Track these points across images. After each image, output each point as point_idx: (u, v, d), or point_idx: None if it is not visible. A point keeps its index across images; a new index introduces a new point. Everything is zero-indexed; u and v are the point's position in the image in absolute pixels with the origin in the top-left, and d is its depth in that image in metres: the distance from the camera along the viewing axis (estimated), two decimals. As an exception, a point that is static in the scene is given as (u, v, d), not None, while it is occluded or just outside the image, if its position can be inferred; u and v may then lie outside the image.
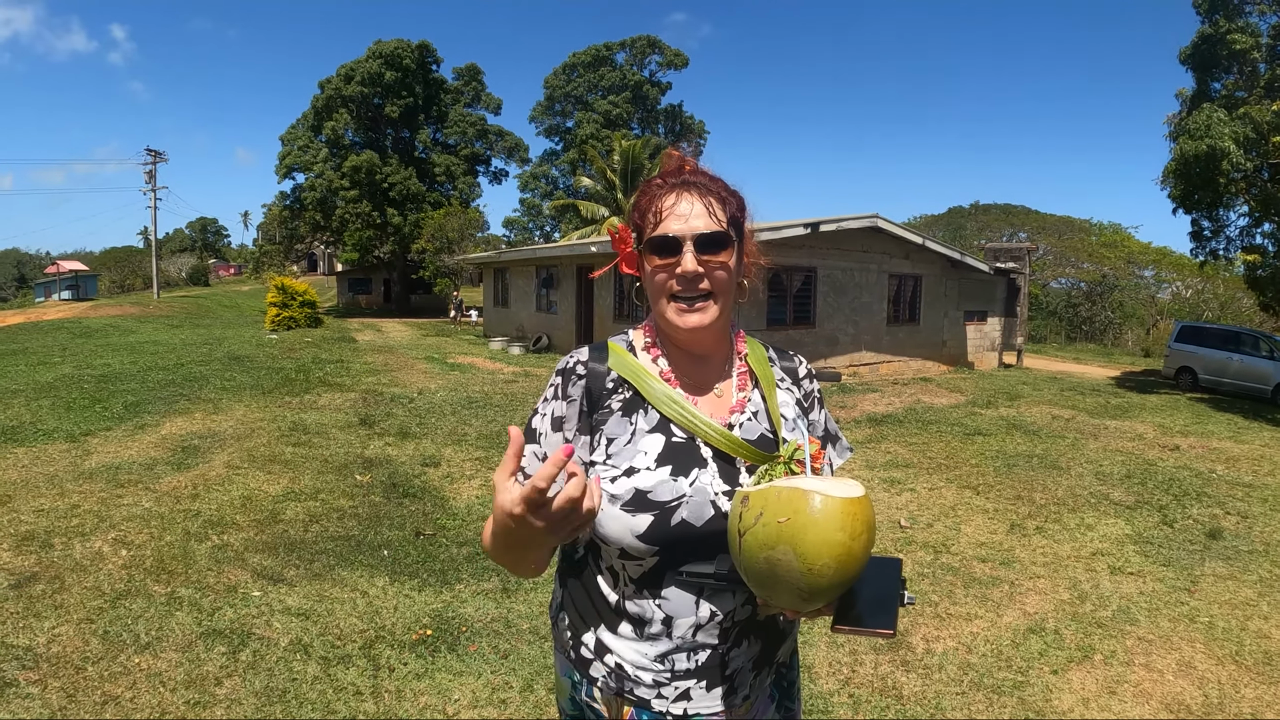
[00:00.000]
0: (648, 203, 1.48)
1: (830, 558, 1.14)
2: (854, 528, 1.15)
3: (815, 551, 1.13)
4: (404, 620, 4.59)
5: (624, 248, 1.52)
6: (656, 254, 1.43)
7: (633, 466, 1.40)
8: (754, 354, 1.61)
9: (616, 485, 1.39)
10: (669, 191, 1.46)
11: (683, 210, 1.43)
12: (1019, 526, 6.94)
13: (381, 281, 48.91)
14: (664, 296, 1.45)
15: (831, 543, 1.13)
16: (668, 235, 1.42)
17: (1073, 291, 36.79)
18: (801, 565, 1.14)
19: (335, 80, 40.05)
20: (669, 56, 56.52)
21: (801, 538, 1.14)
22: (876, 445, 10.17)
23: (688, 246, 1.41)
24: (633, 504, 1.36)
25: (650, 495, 1.37)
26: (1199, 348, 19.37)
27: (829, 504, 1.14)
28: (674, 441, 1.43)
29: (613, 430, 1.44)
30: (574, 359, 1.52)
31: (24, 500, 6.62)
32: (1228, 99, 17.49)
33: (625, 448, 1.42)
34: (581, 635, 1.49)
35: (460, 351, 20.79)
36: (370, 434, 9.67)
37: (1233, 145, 15.16)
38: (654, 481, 1.38)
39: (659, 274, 1.44)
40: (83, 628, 4.30)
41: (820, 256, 17.12)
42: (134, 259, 74.65)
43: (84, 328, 25.07)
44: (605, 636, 1.45)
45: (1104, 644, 4.67)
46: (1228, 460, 10.14)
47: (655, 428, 1.44)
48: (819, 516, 1.14)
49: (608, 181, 35.80)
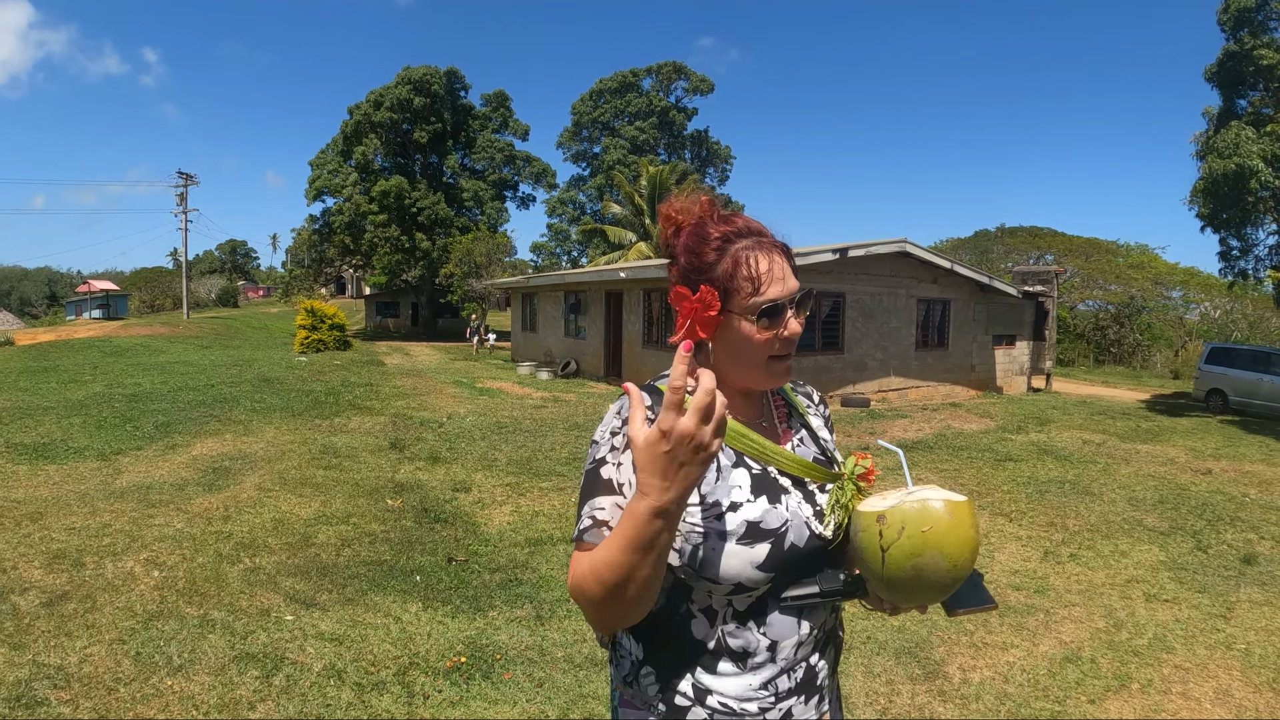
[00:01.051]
0: (732, 265, 1.43)
1: (970, 552, 1.28)
2: (977, 523, 1.31)
3: (959, 550, 1.27)
4: (438, 647, 4.59)
5: (711, 311, 1.43)
6: (767, 319, 1.41)
7: (734, 501, 1.39)
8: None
9: (727, 522, 1.37)
10: (758, 252, 1.44)
11: (778, 274, 1.43)
12: (1053, 554, 6.87)
13: (409, 305, 49.24)
14: (765, 357, 1.45)
15: (969, 539, 1.28)
16: (776, 302, 1.41)
17: (1100, 314, 36.37)
18: (948, 564, 1.27)
19: (365, 106, 40.50)
20: (694, 82, 56.77)
21: (946, 541, 1.26)
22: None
23: (791, 310, 1.44)
24: (749, 536, 1.37)
25: (761, 525, 1.38)
26: (1229, 369, 19.12)
27: (958, 509, 1.28)
28: (755, 473, 1.44)
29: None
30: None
31: (55, 518, 6.70)
32: (1255, 116, 17.36)
33: (717, 485, 1.40)
34: (675, 685, 1.43)
35: (489, 376, 20.88)
36: (400, 458, 9.72)
37: (1261, 163, 15.05)
38: (761, 511, 1.39)
39: (763, 336, 1.42)
40: (114, 648, 4.33)
41: (849, 282, 17.09)
42: (164, 279, 75.53)
43: (114, 347, 25.40)
44: (704, 679, 1.42)
45: (1141, 672, 4.61)
46: (1261, 484, 10.00)
47: (735, 463, 1.44)
48: (956, 521, 1.27)
49: (635, 207, 36.01)
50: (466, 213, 43.57)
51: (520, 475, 9.10)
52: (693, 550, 1.37)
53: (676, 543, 1.37)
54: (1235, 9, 17.55)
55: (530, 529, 7.13)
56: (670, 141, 56.69)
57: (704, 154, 58.85)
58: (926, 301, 19.10)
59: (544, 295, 25.91)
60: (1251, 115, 17.42)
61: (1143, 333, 35.17)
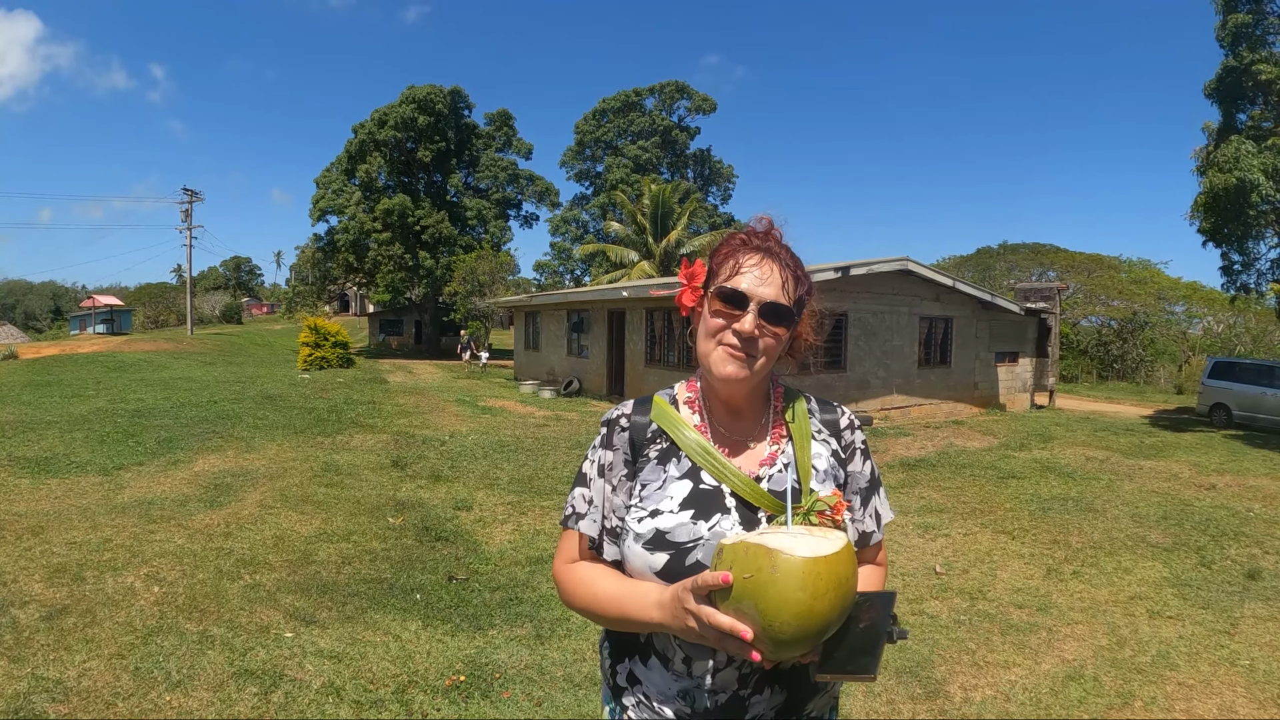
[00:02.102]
0: (729, 252, 1.57)
1: (791, 615, 1.16)
2: (816, 587, 1.17)
3: (775, 609, 1.16)
4: (437, 665, 4.58)
5: (693, 281, 1.60)
6: (724, 302, 1.51)
7: (658, 509, 1.50)
8: (794, 407, 1.66)
9: (641, 525, 1.50)
10: (754, 251, 1.56)
11: (761, 274, 1.52)
12: (1055, 571, 6.84)
13: (413, 323, 49.30)
14: (712, 339, 1.53)
15: (791, 601, 1.16)
16: (739, 290, 1.50)
17: (1103, 330, 36.32)
18: (763, 621, 1.17)
19: (369, 124, 40.69)
20: (697, 101, 56.99)
21: (762, 595, 1.16)
22: (910, 490, 10.07)
23: (752, 308, 1.49)
24: (652, 543, 1.47)
25: (669, 536, 1.46)
26: (1233, 383, 19.07)
27: (789, 563, 1.16)
28: (701, 488, 1.52)
29: (647, 476, 1.56)
30: (619, 411, 1.66)
31: (57, 532, 6.72)
32: (1255, 130, 17.39)
33: (655, 491, 1.53)
34: (617, 665, 1.58)
35: (491, 395, 20.87)
36: (402, 476, 9.72)
37: (1262, 177, 15.06)
38: (674, 524, 1.47)
39: (717, 320, 1.52)
40: (114, 663, 4.34)
41: (851, 300, 17.10)
42: (168, 295, 75.76)
43: (118, 362, 25.47)
44: (637, 668, 1.54)
45: (1144, 690, 4.58)
46: (1265, 498, 9.96)
47: (685, 474, 1.54)
48: (779, 575, 1.16)
49: (638, 225, 36.07)
50: (470, 231, 43.70)
51: (522, 494, 9.09)
52: (619, 542, 1.55)
53: (615, 528, 1.58)
54: (1233, 25, 17.62)
55: (531, 547, 7.11)
56: (673, 160, 56.87)
57: (706, 173, 59.04)
58: (929, 319, 19.10)
59: (547, 314, 25.95)
60: (1251, 129, 17.47)
61: (1146, 348, 35.11)
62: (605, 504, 1.59)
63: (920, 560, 7.10)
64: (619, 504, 1.57)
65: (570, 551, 1.62)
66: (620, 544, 1.55)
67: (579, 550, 1.62)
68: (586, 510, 1.60)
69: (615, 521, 1.57)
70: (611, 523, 1.58)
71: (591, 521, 1.59)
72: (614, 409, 1.67)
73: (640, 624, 1.42)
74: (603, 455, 1.62)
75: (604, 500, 1.59)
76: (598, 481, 1.60)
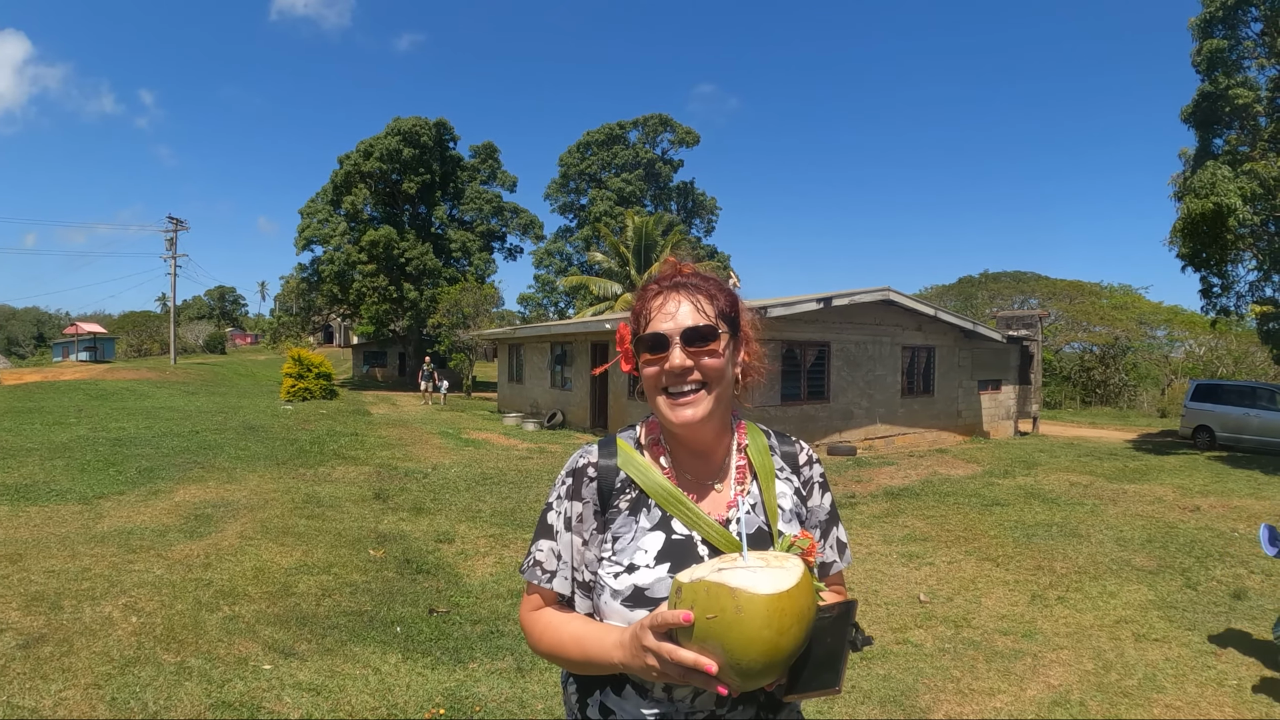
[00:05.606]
0: (640, 306, 1.58)
1: (757, 653, 1.16)
2: (781, 624, 1.16)
3: (742, 648, 1.15)
4: (416, 699, 4.52)
5: (623, 345, 1.63)
6: (648, 351, 1.52)
7: (633, 563, 1.49)
8: (754, 444, 1.67)
9: (618, 581, 1.48)
10: (659, 294, 1.57)
11: (669, 309, 1.53)
12: (1040, 597, 6.83)
13: (397, 355, 49.19)
14: (657, 392, 1.53)
15: (758, 640, 1.15)
16: (657, 333, 1.51)
17: (1086, 355, 36.58)
18: (729, 659, 1.16)
19: (354, 156, 40.80)
20: (680, 134, 57.41)
21: (728, 635, 1.15)
22: (894, 519, 10.05)
23: (675, 342, 1.49)
24: (631, 600, 1.46)
25: (647, 593, 1.45)
26: (1215, 405, 19.24)
27: (753, 603, 1.15)
28: (674, 539, 1.50)
29: (619, 528, 1.53)
30: (584, 459, 1.61)
31: (35, 560, 6.64)
32: (1231, 155, 17.61)
33: (629, 544, 1.51)
34: (587, 699, 1.55)
35: (474, 427, 20.80)
36: (384, 508, 9.65)
37: (1239, 201, 15.24)
38: (652, 579, 1.46)
39: (650, 368, 1.53)
40: (90, 693, 4.28)
41: (834, 331, 17.18)
42: (152, 324, 75.31)
43: (100, 390, 25.30)
44: (610, 700, 1.51)
45: (1131, 713, 4.56)
46: (1249, 518, 10.01)
47: (657, 525, 1.52)
48: (743, 616, 1.15)
49: (621, 258, 36.07)
50: (454, 263, 43.76)
51: (504, 526, 9.03)
52: (594, 597, 1.53)
53: (588, 581, 1.56)
54: (1209, 50, 17.90)
55: (513, 580, 7.06)
56: (657, 193, 57.19)
57: (690, 205, 59.37)
58: (911, 349, 19.19)
59: (530, 346, 25.94)
60: (1228, 154, 17.69)
61: (1128, 373, 35.38)
62: (576, 557, 1.56)
63: (904, 589, 7.07)
64: (590, 558, 1.55)
65: (536, 602, 1.60)
66: (596, 599, 1.53)
67: (547, 603, 1.60)
68: (556, 567, 1.57)
69: (587, 575, 1.56)
70: (584, 576, 1.56)
71: (563, 580, 1.57)
72: (577, 456, 1.62)
73: (602, 665, 1.41)
74: (569, 507, 1.58)
75: (574, 554, 1.56)
76: (565, 535, 1.57)
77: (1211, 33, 18.28)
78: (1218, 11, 18.11)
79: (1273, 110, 17.85)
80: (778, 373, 15.83)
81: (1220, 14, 18.11)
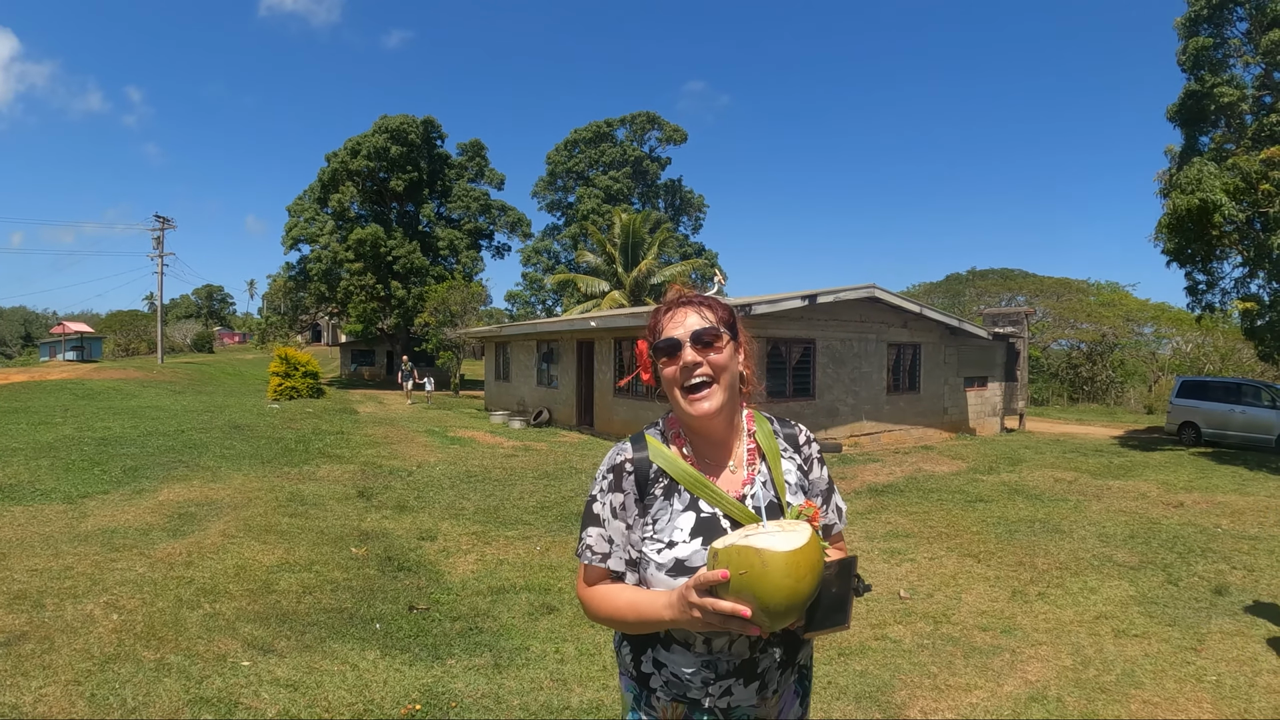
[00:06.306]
0: (654, 323, 1.93)
1: (782, 598, 1.47)
2: (798, 573, 1.48)
3: (769, 595, 1.46)
4: (393, 694, 4.51)
5: (642, 360, 1.97)
6: (664, 355, 1.87)
7: (673, 540, 1.79)
8: (761, 429, 1.99)
9: (661, 555, 1.78)
10: (669, 311, 1.92)
11: (679, 320, 1.88)
12: (1021, 593, 6.85)
13: (385, 354, 49.04)
14: (675, 389, 1.86)
15: (781, 587, 1.47)
16: (670, 338, 1.86)
17: (1073, 352, 36.74)
18: (759, 604, 1.47)
19: (342, 154, 40.66)
20: (668, 132, 57.47)
21: (758, 586, 1.47)
22: (877, 516, 10.06)
23: (685, 341, 1.84)
24: (674, 571, 1.75)
25: (686, 563, 1.75)
26: (1201, 402, 19.38)
27: (775, 558, 1.47)
28: (702, 516, 1.81)
29: (657, 511, 1.85)
30: (621, 456, 1.90)
31: (18, 559, 6.64)
32: (1216, 152, 17.73)
33: (667, 524, 1.82)
34: (640, 656, 1.86)
35: (461, 425, 20.77)
36: (368, 506, 9.64)
37: (1224, 197, 15.30)
38: (689, 552, 1.76)
39: (667, 369, 1.87)
40: (70, 689, 4.28)
41: (819, 328, 17.19)
42: (139, 323, 74.74)
43: (87, 389, 25.20)
44: (660, 654, 1.82)
45: (1108, 709, 4.57)
46: (1232, 514, 10.06)
47: (688, 506, 1.83)
48: (769, 569, 1.47)
49: (608, 255, 36.12)
50: (442, 261, 43.63)
51: (487, 524, 9.03)
52: (641, 570, 1.83)
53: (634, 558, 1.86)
54: (1194, 48, 18.01)
55: (494, 578, 7.05)
56: (644, 190, 57.24)
57: (677, 203, 59.43)
58: (897, 346, 19.23)
59: (517, 345, 25.91)
60: (1214, 151, 17.79)
61: (1115, 369, 35.56)
62: (624, 540, 1.86)
63: (885, 585, 7.08)
64: (635, 539, 1.85)
65: (590, 579, 1.88)
66: (643, 572, 1.82)
67: (597, 579, 1.88)
68: (609, 549, 1.85)
69: (634, 554, 1.85)
70: (631, 554, 1.86)
71: (618, 559, 1.86)
72: (614, 454, 1.91)
73: (654, 623, 1.70)
74: (613, 498, 1.87)
75: (623, 538, 1.86)
76: (614, 522, 1.86)
77: (1197, 31, 18.40)
78: (1203, 10, 18.22)
79: (1258, 108, 17.96)
80: (763, 370, 15.84)
81: (1205, 12, 18.24)
